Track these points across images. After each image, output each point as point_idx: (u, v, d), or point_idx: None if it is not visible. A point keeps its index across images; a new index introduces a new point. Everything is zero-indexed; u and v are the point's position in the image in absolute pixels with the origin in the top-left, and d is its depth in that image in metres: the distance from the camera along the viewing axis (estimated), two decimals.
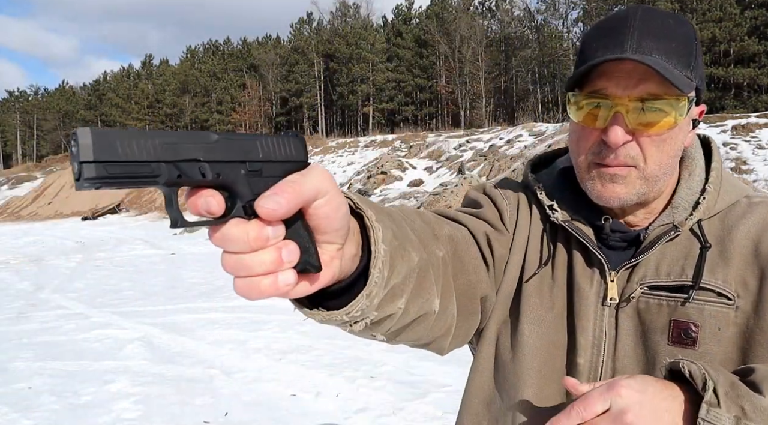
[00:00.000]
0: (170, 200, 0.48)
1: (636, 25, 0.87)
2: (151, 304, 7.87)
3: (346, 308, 0.64)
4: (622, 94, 0.85)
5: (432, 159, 23.39)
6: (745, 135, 15.77)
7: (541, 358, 0.95)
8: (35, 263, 13.08)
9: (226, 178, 0.50)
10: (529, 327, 0.96)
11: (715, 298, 0.86)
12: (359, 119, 55.95)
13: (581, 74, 0.88)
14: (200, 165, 0.48)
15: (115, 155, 0.43)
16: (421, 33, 52.80)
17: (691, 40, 0.89)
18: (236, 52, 69.48)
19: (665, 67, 0.83)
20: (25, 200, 34.14)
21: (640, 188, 0.89)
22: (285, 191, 0.49)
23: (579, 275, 0.95)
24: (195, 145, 0.48)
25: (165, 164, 0.46)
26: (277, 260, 0.49)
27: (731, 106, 35.41)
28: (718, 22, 37.66)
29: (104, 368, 5.16)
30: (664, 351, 0.87)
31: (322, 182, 0.52)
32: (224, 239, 0.49)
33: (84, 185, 0.42)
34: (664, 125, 0.85)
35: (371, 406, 4.13)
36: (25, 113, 79.25)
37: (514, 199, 1.04)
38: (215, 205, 0.48)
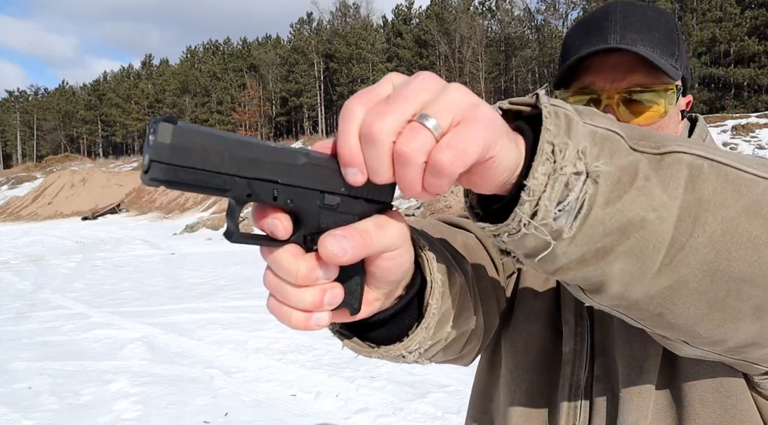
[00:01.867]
0: (233, 213, 0.45)
1: (618, 18, 0.87)
2: (151, 304, 7.86)
3: (404, 342, 0.61)
4: (610, 87, 0.85)
5: None
6: (745, 135, 15.78)
7: (535, 353, 0.95)
8: (35, 263, 13.08)
9: (297, 206, 0.46)
10: (523, 322, 0.96)
11: None
12: None
13: (568, 70, 0.87)
14: (275, 188, 0.44)
15: (190, 160, 0.39)
16: (421, 33, 52.82)
17: (672, 30, 0.89)
18: (236, 52, 69.50)
19: (652, 56, 0.83)
20: (25, 200, 34.14)
21: None
22: (354, 239, 0.46)
23: None
24: (278, 165, 0.44)
25: (239, 179, 0.42)
26: (316, 303, 0.47)
27: (731, 106, 35.43)
28: (718, 22, 37.67)
29: (104, 368, 5.16)
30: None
31: (396, 238, 0.49)
32: (274, 262, 0.47)
33: (148, 182, 0.40)
34: (654, 114, 0.85)
35: (371, 406, 4.13)
36: (25, 113, 79.29)
37: None
38: (281, 229, 0.46)
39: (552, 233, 0.47)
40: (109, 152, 74.56)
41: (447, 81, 0.47)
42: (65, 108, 77.43)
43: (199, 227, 18.61)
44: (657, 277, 0.50)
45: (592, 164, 0.46)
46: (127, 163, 48.39)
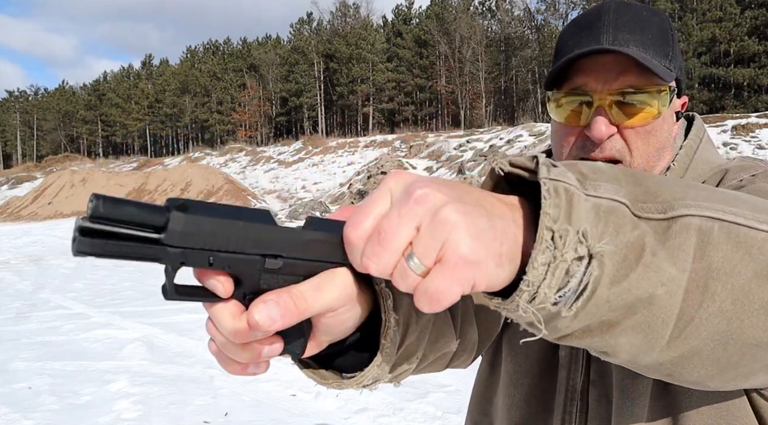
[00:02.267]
0: (168, 273, 0.45)
1: (611, 19, 0.86)
2: (151, 304, 7.86)
3: (356, 378, 0.59)
4: (602, 88, 0.84)
5: (432, 159, 23.40)
6: (745, 135, 15.77)
7: (534, 357, 0.94)
8: (35, 263, 13.08)
9: (236, 270, 0.45)
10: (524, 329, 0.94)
11: None
12: (359, 119, 55.96)
13: (559, 70, 0.86)
14: (211, 255, 0.44)
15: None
16: (421, 33, 52.82)
17: (666, 30, 0.88)
18: (236, 52, 69.50)
19: (644, 57, 0.82)
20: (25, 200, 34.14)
21: None
22: (287, 307, 0.44)
23: None
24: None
25: (171, 249, 0.42)
26: (254, 357, 0.48)
27: (731, 106, 35.42)
28: (718, 22, 37.67)
29: (104, 368, 5.16)
30: None
31: (337, 299, 0.47)
32: (214, 318, 0.48)
33: (75, 253, 0.39)
34: (647, 116, 0.84)
35: (371, 406, 4.13)
36: (25, 113, 79.28)
37: None
38: (222, 290, 0.46)
39: (551, 315, 0.46)
40: (109, 152, 74.55)
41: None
42: (65, 108, 77.41)
43: None
44: (666, 349, 0.49)
45: (595, 245, 0.45)
46: (127, 163, 48.38)
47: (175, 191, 27.74)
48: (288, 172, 30.75)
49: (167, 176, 29.84)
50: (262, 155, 36.32)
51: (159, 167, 37.87)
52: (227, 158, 38.60)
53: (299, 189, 27.39)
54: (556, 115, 0.89)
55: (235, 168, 35.01)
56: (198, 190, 26.46)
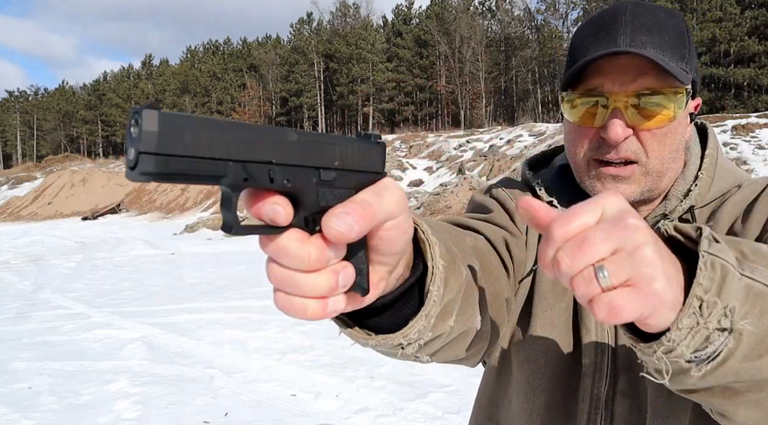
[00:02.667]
0: (229, 203, 0.42)
1: (627, 20, 0.85)
2: (151, 304, 7.86)
3: (403, 330, 0.59)
4: (619, 90, 0.83)
5: (432, 159, 23.40)
6: (745, 135, 15.77)
7: (554, 363, 0.93)
8: (35, 263, 13.08)
9: (296, 186, 0.44)
10: (542, 330, 0.93)
11: None
12: (359, 119, 55.96)
13: (577, 72, 0.85)
14: (270, 168, 0.42)
15: (181, 147, 0.37)
16: (421, 33, 52.83)
17: (683, 32, 0.87)
18: (236, 52, 69.50)
19: (662, 59, 0.81)
20: (25, 200, 34.14)
21: (644, 185, 0.87)
22: (358, 213, 0.44)
23: None
24: (271, 145, 0.42)
25: (233, 164, 0.40)
26: (332, 286, 0.45)
27: (731, 106, 35.43)
28: (718, 22, 37.67)
29: (104, 368, 5.16)
30: None
31: (397, 203, 0.47)
32: (279, 251, 0.44)
33: (138, 177, 0.36)
34: (664, 118, 0.84)
35: (371, 406, 4.13)
36: (25, 113, 79.29)
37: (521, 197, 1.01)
38: (283, 215, 0.43)
39: (682, 370, 0.52)
40: (109, 152, 74.54)
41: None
42: (65, 108, 77.42)
43: (199, 228, 18.60)
44: None
45: (739, 322, 0.50)
46: None
47: (175, 190, 27.74)
48: None
49: None
50: None
51: None
52: None
53: None
54: (570, 115, 0.89)
55: None
56: (198, 190, 26.46)
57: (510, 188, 1.04)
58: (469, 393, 4.29)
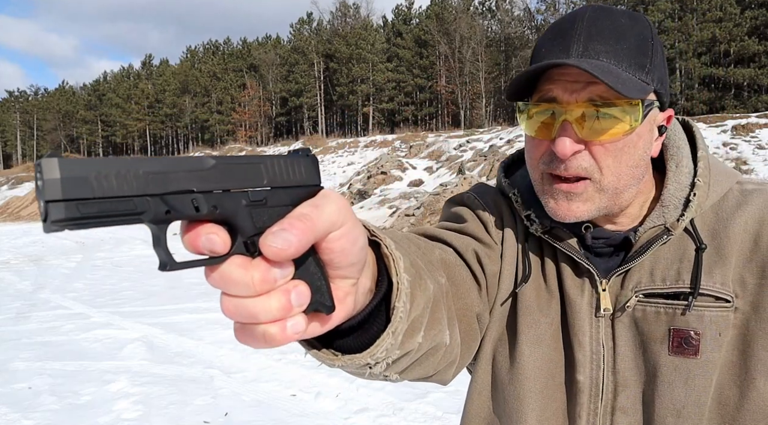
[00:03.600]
0: (158, 239, 0.41)
1: (584, 27, 0.80)
2: (150, 304, 7.86)
3: (370, 349, 0.58)
4: (569, 99, 0.79)
5: (432, 159, 23.41)
6: (745, 135, 15.77)
7: (543, 379, 0.90)
8: (35, 263, 13.08)
9: (225, 211, 0.43)
10: (529, 347, 0.90)
11: (714, 303, 0.82)
12: (359, 119, 55.96)
13: (524, 80, 0.82)
14: (194, 197, 0.41)
15: (90, 190, 0.36)
16: (421, 33, 52.82)
17: (646, 39, 0.82)
18: (236, 52, 69.50)
19: (609, 71, 0.76)
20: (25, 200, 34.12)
21: (600, 203, 0.82)
22: (295, 227, 0.43)
23: (569, 286, 0.89)
24: (187, 173, 0.41)
25: (151, 198, 0.39)
26: (285, 307, 0.43)
27: (731, 106, 35.43)
28: (718, 22, 37.67)
29: (104, 368, 5.16)
30: (666, 361, 0.83)
31: (338, 212, 0.46)
32: (224, 281, 0.43)
33: (52, 228, 0.35)
34: (618, 131, 0.78)
35: (371, 406, 4.13)
36: (25, 113, 79.29)
37: (495, 208, 0.98)
38: (220, 244, 0.42)
39: None
40: (109, 152, 74.55)
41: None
42: (65, 108, 77.42)
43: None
44: None
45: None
46: None
47: None
48: None
49: None
50: None
51: None
52: None
53: None
54: (525, 127, 0.85)
55: None
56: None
57: (484, 196, 1.00)
58: None
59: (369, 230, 0.59)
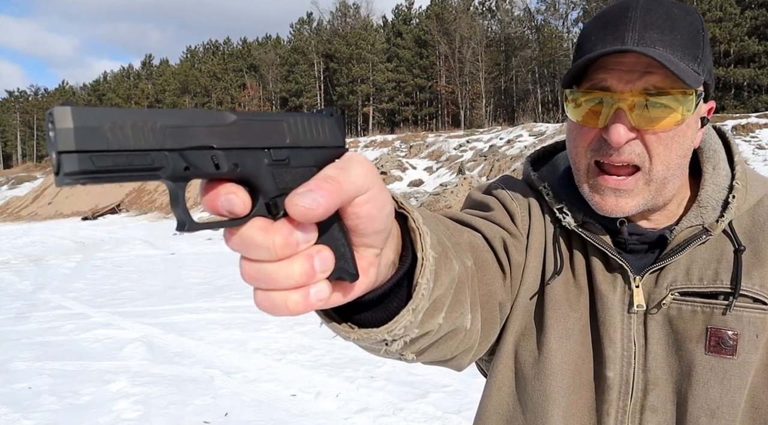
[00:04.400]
0: (176, 198, 0.39)
1: (638, 16, 0.80)
2: (151, 304, 7.86)
3: (388, 325, 0.55)
4: (624, 88, 0.78)
5: (432, 159, 23.40)
6: (745, 135, 15.77)
7: (570, 375, 0.88)
8: (35, 263, 13.08)
9: (246, 169, 0.41)
10: (557, 341, 0.89)
11: (752, 304, 0.82)
12: (359, 119, 55.97)
13: (580, 69, 0.81)
14: (213, 154, 0.39)
15: (104, 142, 0.34)
16: (421, 33, 52.81)
17: (698, 30, 0.82)
18: (236, 52, 69.49)
19: (670, 60, 0.76)
20: (25, 200, 34.14)
21: (646, 196, 0.82)
22: (323, 188, 0.41)
23: (600, 281, 0.89)
24: (207, 128, 0.39)
25: (169, 153, 0.37)
26: (308, 272, 0.41)
27: (731, 106, 35.43)
28: (718, 22, 37.67)
29: (104, 368, 5.16)
30: (701, 360, 0.82)
31: (365, 176, 0.44)
32: (244, 244, 0.41)
33: (65, 181, 0.33)
34: (671, 121, 0.79)
35: (371, 406, 4.13)
36: (25, 113, 79.26)
37: (523, 200, 0.97)
38: (240, 204, 0.40)
39: None
40: None
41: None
42: None
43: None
44: None
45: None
46: None
47: None
48: None
49: None
50: None
51: None
52: None
53: None
54: (573, 114, 0.84)
55: None
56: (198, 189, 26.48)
57: (512, 188, 0.99)
58: (469, 393, 4.29)
59: (397, 201, 0.56)
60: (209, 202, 0.40)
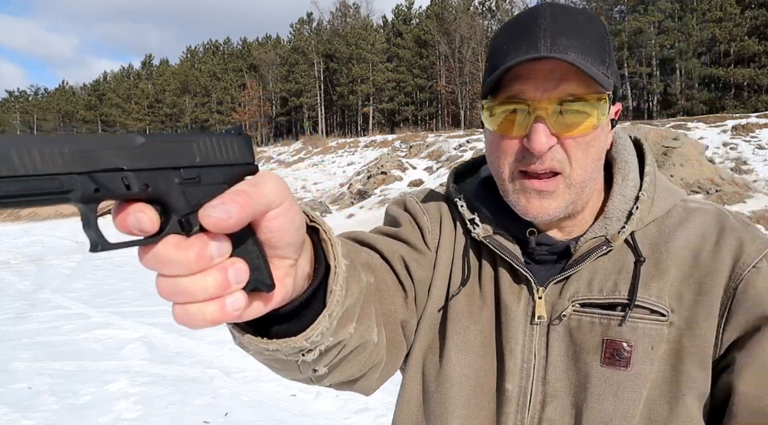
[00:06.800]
0: (87, 220, 0.40)
1: (547, 23, 0.80)
2: (150, 304, 7.86)
3: (306, 332, 0.57)
4: (541, 96, 0.79)
5: (432, 159, 23.41)
6: (745, 135, 15.78)
7: (470, 387, 0.88)
8: (35, 263, 13.08)
9: (157, 189, 0.42)
10: (456, 354, 0.89)
11: (649, 315, 0.81)
12: (359, 119, 55.97)
13: (498, 79, 0.80)
14: (124, 175, 0.40)
15: (12, 167, 0.35)
16: (421, 33, 52.82)
17: (603, 35, 0.83)
18: (236, 52, 69.51)
19: (586, 65, 0.77)
20: None
21: (568, 198, 0.83)
22: (235, 200, 0.42)
23: (505, 292, 0.89)
24: (116, 151, 0.40)
25: (78, 176, 0.38)
26: (222, 284, 0.43)
27: (731, 106, 35.44)
28: (718, 22, 37.69)
29: (104, 368, 5.16)
30: (597, 372, 0.82)
31: (277, 191, 0.46)
32: (158, 261, 0.42)
33: None
34: (588, 126, 0.79)
35: (371, 406, 4.13)
36: (25, 113, 79.28)
37: (436, 214, 0.98)
38: (148, 222, 0.41)
39: None
40: None
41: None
42: (65, 108, 77.42)
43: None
44: None
45: None
46: None
47: None
48: (288, 172, 30.74)
49: None
50: (262, 155, 36.31)
51: None
52: None
53: (299, 189, 27.39)
54: (491, 124, 0.84)
55: None
56: None
57: (427, 201, 1.00)
58: None
59: (308, 215, 0.59)
60: (120, 222, 0.41)
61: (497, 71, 0.79)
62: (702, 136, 16.29)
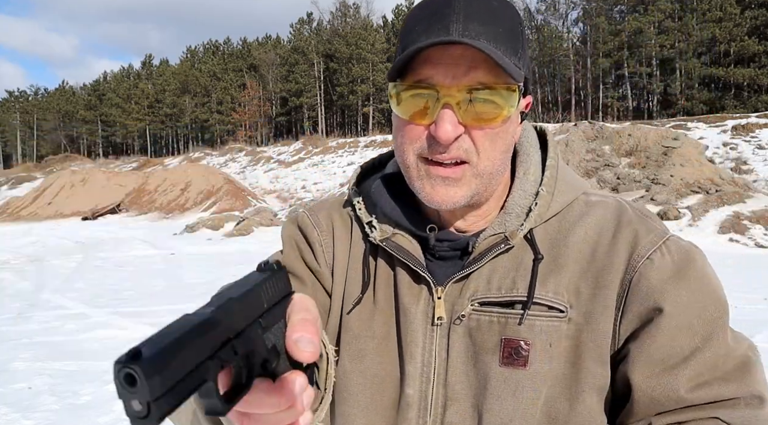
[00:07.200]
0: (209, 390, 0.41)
1: (461, 6, 0.76)
2: (151, 304, 7.86)
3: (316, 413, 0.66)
4: (450, 83, 0.75)
5: None
6: (745, 135, 15.78)
7: (367, 396, 0.86)
8: (35, 263, 13.08)
9: (249, 344, 0.44)
10: (350, 363, 0.87)
11: (547, 312, 0.79)
12: (359, 119, 56.00)
13: (405, 62, 0.76)
14: (233, 343, 0.42)
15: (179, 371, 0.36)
16: None
17: (517, 24, 0.80)
18: (236, 52, 69.53)
19: (497, 54, 0.73)
20: (25, 201, 34.12)
21: (474, 188, 0.80)
22: (310, 331, 0.49)
23: (404, 295, 0.86)
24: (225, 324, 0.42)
25: (210, 361, 0.39)
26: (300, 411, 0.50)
27: (731, 106, 35.44)
28: (718, 22, 37.70)
29: (104, 368, 5.15)
30: (496, 372, 0.80)
31: (315, 307, 0.53)
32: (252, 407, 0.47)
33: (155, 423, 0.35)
34: (497, 117, 0.77)
35: None
36: (25, 113, 79.29)
37: (327, 225, 0.95)
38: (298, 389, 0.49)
39: None
40: (109, 152, 74.53)
41: None
42: (65, 108, 77.44)
43: (199, 228, 18.59)
44: None
45: None
46: (127, 163, 48.36)
47: (175, 191, 27.74)
48: (288, 172, 30.74)
49: (167, 176, 29.84)
50: (262, 155, 36.31)
51: (159, 167, 37.89)
52: (227, 158, 38.60)
53: (299, 189, 27.39)
54: (399, 110, 0.80)
55: (235, 168, 35.00)
56: (198, 190, 26.47)
57: (318, 213, 0.97)
58: None
59: None
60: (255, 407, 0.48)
61: (406, 52, 0.75)
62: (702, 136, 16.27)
